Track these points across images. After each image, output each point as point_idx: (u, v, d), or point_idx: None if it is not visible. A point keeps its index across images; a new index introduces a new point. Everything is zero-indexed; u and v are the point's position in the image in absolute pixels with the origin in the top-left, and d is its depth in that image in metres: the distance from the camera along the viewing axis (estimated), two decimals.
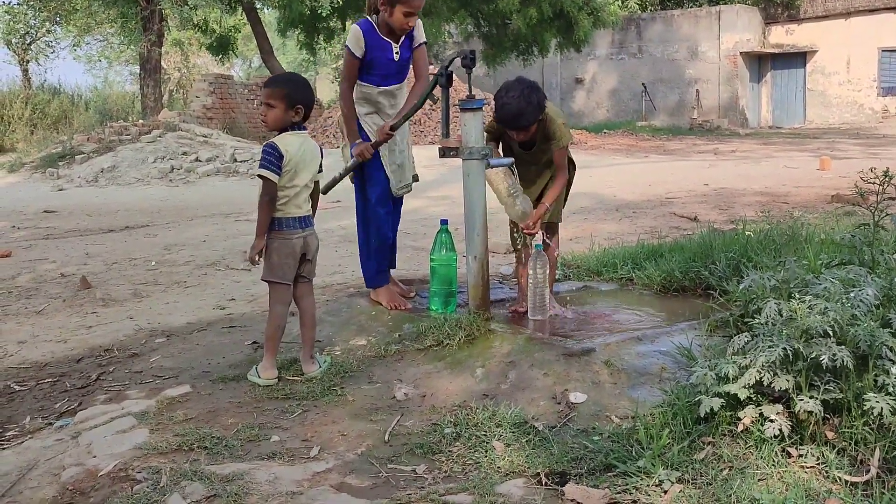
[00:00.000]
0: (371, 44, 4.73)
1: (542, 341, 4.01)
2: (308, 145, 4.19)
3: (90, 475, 3.15)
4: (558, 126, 4.46)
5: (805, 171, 14.12)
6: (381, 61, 4.78)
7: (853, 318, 2.97)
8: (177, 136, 19.04)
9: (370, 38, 4.72)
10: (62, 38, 36.63)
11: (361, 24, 4.76)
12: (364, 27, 4.73)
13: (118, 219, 11.60)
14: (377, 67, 4.79)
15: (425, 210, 10.12)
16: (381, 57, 4.76)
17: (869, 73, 32.12)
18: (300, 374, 4.15)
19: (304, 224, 4.20)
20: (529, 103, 4.24)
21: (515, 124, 4.32)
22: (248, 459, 3.23)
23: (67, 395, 4.27)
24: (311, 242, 4.24)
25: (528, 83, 4.33)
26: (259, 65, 44.03)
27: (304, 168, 4.13)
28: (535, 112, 4.28)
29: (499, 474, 3.01)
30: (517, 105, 4.23)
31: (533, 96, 4.26)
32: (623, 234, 7.90)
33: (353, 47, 4.72)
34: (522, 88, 4.27)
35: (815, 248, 4.52)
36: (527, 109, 4.25)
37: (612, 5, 29.02)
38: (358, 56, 4.73)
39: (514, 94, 4.24)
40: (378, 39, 4.74)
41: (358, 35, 4.71)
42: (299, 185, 4.12)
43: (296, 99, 4.11)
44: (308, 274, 4.30)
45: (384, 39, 4.75)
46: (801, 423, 2.88)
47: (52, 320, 5.76)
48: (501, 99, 4.30)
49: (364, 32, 4.71)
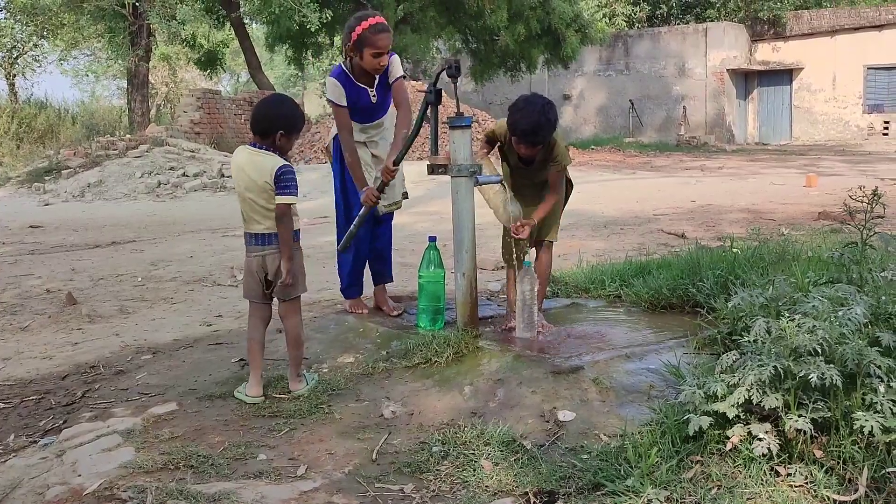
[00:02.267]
0: (348, 91, 4.80)
1: (531, 359, 4.01)
2: (251, 160, 4.09)
3: (75, 494, 3.12)
4: (562, 149, 4.48)
5: (791, 187, 14.18)
6: (361, 105, 4.86)
7: (842, 337, 2.97)
8: (164, 150, 18.98)
9: (346, 86, 4.79)
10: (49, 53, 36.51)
11: (336, 73, 4.82)
12: (339, 78, 4.79)
13: (104, 234, 11.55)
14: (357, 111, 4.87)
15: (413, 226, 10.11)
16: (358, 101, 4.84)
17: (854, 91, 32.34)
18: (287, 391, 4.13)
19: (261, 241, 4.12)
20: (549, 120, 4.25)
21: (531, 139, 4.30)
22: (234, 478, 3.20)
23: (52, 412, 4.22)
24: (269, 262, 4.13)
25: (545, 99, 4.35)
26: (247, 79, 44.04)
27: (240, 182, 4.11)
28: (550, 129, 4.29)
29: (487, 493, 3.00)
30: (537, 119, 4.22)
31: (551, 113, 4.27)
32: (611, 250, 7.90)
33: (335, 99, 4.80)
34: (543, 103, 4.29)
35: (802, 265, 4.53)
36: (545, 126, 4.25)
37: (600, 22, 29.25)
38: (343, 105, 4.79)
39: (536, 109, 4.24)
40: (353, 87, 4.82)
41: (335, 85, 4.78)
42: (241, 198, 4.12)
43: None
44: (279, 295, 4.21)
45: (359, 85, 4.82)
46: (789, 442, 2.87)
47: (37, 337, 5.72)
48: (521, 111, 4.27)
49: (340, 82, 4.78)
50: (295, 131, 4.16)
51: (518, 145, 4.40)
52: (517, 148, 4.42)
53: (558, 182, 4.57)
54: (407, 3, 22.29)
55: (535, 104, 4.27)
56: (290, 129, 4.12)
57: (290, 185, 4.02)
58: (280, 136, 4.07)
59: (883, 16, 31.34)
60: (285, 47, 24.34)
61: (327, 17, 20.86)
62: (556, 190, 4.59)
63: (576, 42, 25.35)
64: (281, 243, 4.06)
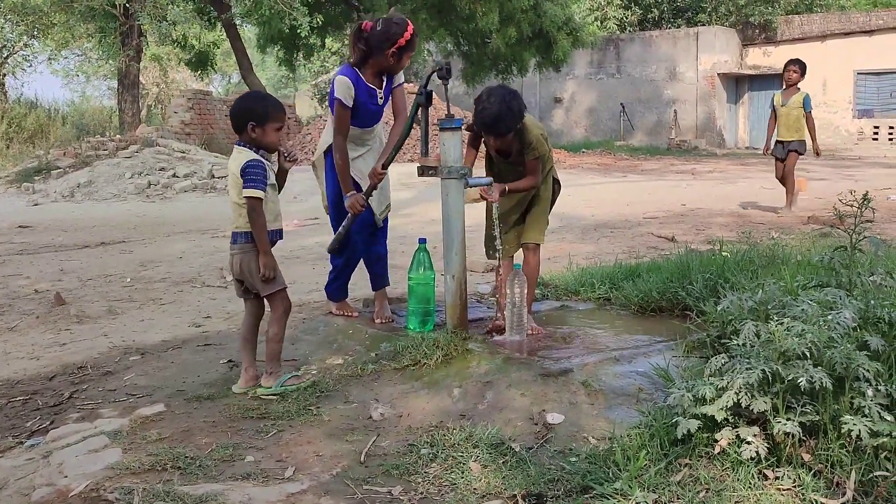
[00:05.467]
0: (359, 92, 4.76)
1: (520, 361, 4.00)
2: (233, 157, 4.21)
3: (61, 495, 3.10)
4: (535, 136, 4.46)
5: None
6: (367, 107, 4.84)
7: (830, 341, 2.97)
8: (154, 151, 18.92)
9: (358, 87, 4.76)
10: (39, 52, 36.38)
11: (347, 73, 4.76)
12: (351, 77, 4.75)
13: (94, 234, 11.50)
14: (362, 113, 4.84)
15: (402, 228, 10.10)
16: (366, 103, 4.82)
17: (845, 96, 32.43)
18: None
19: (233, 239, 4.26)
20: (510, 109, 4.24)
21: (494, 129, 4.30)
22: (221, 480, 3.19)
23: (39, 413, 4.21)
24: (235, 262, 4.25)
25: (508, 90, 4.35)
26: (238, 81, 43.93)
27: (228, 180, 4.24)
28: (513, 119, 4.27)
29: (475, 496, 2.99)
30: (497, 109, 4.23)
31: (514, 103, 4.26)
32: (601, 253, 7.91)
33: (345, 98, 4.73)
34: (504, 94, 4.28)
35: (791, 269, 4.54)
36: (506, 115, 4.24)
37: (592, 25, 29.25)
38: (350, 107, 4.75)
39: (495, 99, 4.24)
40: (365, 87, 4.79)
41: (348, 85, 4.73)
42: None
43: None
44: (259, 291, 4.27)
45: (370, 86, 4.80)
46: (777, 446, 2.88)
47: (24, 337, 5.70)
48: (482, 103, 4.29)
49: (352, 80, 4.74)
50: (268, 119, 4.16)
51: (487, 137, 4.40)
52: (487, 140, 4.43)
53: (536, 168, 4.53)
54: (398, 5, 22.27)
55: (496, 94, 4.27)
56: (260, 118, 4.14)
57: (254, 179, 4.06)
58: (253, 128, 4.12)
59: (873, 21, 31.44)
60: (277, 49, 24.27)
61: (318, 22, 20.82)
62: (534, 174, 4.54)
63: (567, 45, 25.35)
64: (255, 237, 4.11)
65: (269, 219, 4.16)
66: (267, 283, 4.16)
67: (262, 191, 4.07)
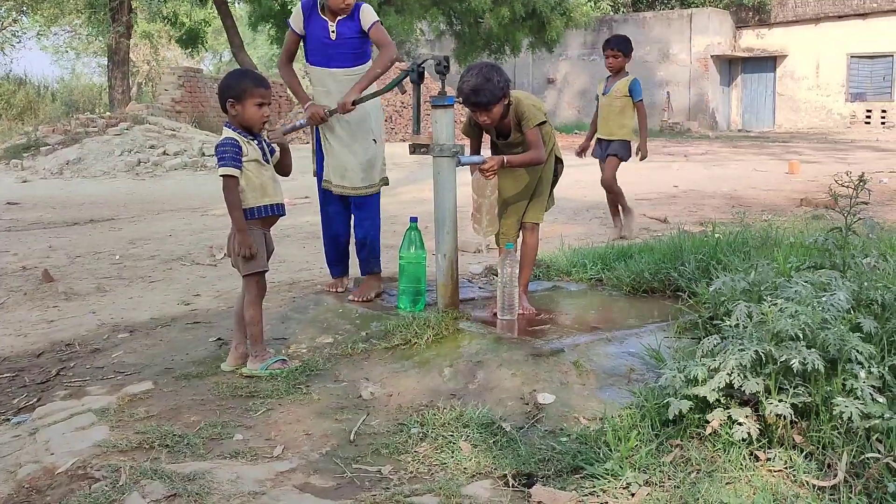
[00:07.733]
0: (309, 20, 4.91)
1: (511, 341, 3.99)
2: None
3: (47, 473, 3.08)
4: (527, 107, 4.42)
5: (774, 174, 14.21)
6: (318, 39, 4.91)
7: (824, 322, 2.96)
8: (144, 129, 18.83)
9: (309, 15, 4.91)
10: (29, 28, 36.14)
11: (304, 3, 4.94)
12: (306, 6, 4.92)
13: (83, 212, 11.45)
14: (315, 45, 4.93)
15: (393, 207, 10.06)
16: (317, 34, 4.91)
17: (838, 79, 32.48)
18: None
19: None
20: (488, 80, 4.20)
21: (473, 101, 4.26)
22: (210, 458, 3.17)
23: (26, 390, 4.18)
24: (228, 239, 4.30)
25: (489, 64, 4.35)
26: (229, 59, 43.72)
27: None
28: (493, 90, 4.22)
29: (465, 475, 2.98)
30: (475, 82, 4.21)
31: (492, 75, 4.23)
32: (593, 234, 7.89)
33: (291, 21, 5.00)
34: (482, 67, 4.29)
35: (784, 250, 4.52)
36: (485, 86, 4.20)
37: (585, 6, 29.12)
38: (295, 31, 4.97)
39: (474, 72, 4.26)
40: (317, 17, 4.90)
41: (297, 10, 4.96)
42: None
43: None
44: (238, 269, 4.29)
45: (323, 18, 4.89)
46: (769, 427, 2.86)
47: (12, 314, 5.66)
48: (464, 76, 4.29)
49: (303, 7, 4.92)
50: (245, 96, 4.10)
51: (474, 115, 4.36)
52: (477, 118, 4.38)
53: (537, 140, 4.44)
54: None
55: (475, 67, 4.31)
56: (237, 95, 4.10)
57: (222, 157, 4.06)
58: (232, 105, 4.10)
59: (867, 4, 31.43)
60: (268, 26, 24.15)
61: None
62: (536, 147, 4.44)
63: (560, 25, 25.31)
64: (230, 215, 4.10)
65: (256, 195, 4.11)
66: (247, 262, 4.11)
67: (234, 168, 4.03)
